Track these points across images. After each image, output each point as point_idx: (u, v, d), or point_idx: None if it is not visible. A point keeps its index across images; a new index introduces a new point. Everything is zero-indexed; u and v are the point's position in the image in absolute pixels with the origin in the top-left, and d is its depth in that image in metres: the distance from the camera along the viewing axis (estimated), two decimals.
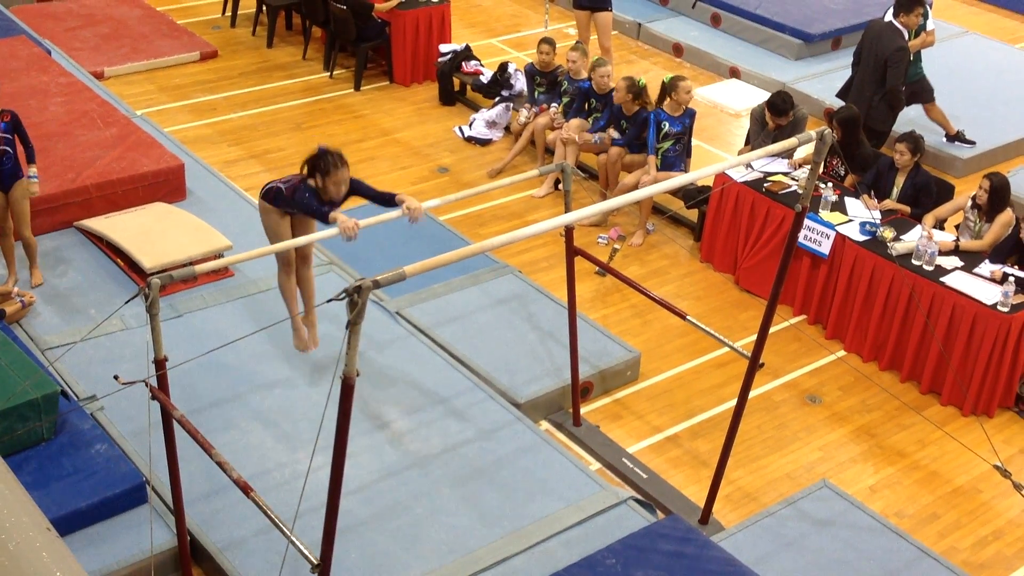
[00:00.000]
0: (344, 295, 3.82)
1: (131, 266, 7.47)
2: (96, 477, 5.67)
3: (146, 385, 4.88)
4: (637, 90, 8.85)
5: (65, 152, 8.29)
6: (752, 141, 8.85)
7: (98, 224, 7.82)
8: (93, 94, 9.36)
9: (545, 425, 6.87)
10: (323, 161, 5.75)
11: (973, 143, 10.20)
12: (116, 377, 5.09)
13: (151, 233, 7.67)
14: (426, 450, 6.30)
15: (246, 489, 4.68)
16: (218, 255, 7.51)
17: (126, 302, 5.10)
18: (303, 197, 5.80)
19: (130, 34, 11.55)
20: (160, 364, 4.86)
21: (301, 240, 5.93)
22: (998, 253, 7.46)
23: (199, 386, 6.50)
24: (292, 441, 6.24)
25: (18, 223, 7.09)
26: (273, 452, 6.17)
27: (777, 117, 8.44)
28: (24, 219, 7.09)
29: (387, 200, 5.76)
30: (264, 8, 12.03)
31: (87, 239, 7.86)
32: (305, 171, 5.88)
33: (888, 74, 8.98)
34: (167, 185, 8.30)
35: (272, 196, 6.05)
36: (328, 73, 11.36)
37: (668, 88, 8.63)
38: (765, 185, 8.15)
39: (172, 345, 5.18)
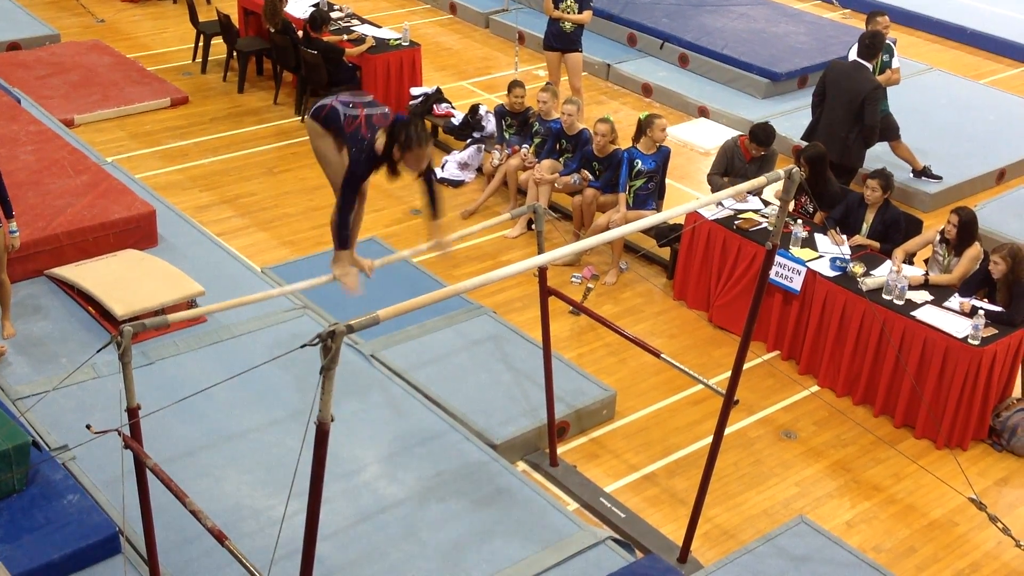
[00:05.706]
0: (318, 340, 3.81)
1: (103, 314, 7.42)
2: (69, 528, 5.60)
3: (119, 434, 4.84)
4: (616, 134, 8.96)
5: (35, 200, 8.25)
6: (715, 170, 8.87)
7: (69, 272, 7.77)
8: (63, 142, 9.34)
9: (522, 466, 6.85)
10: (407, 132, 4.71)
11: (940, 178, 10.32)
12: (88, 427, 5.03)
13: (123, 280, 7.63)
14: (402, 494, 6.26)
15: (221, 537, 4.63)
16: (190, 301, 7.48)
17: (98, 351, 5.06)
18: (358, 154, 4.84)
19: (100, 81, 11.54)
20: (133, 413, 4.81)
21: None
22: (967, 286, 7.53)
23: (172, 434, 6.45)
24: (267, 488, 6.19)
25: None
26: (248, 499, 6.12)
27: (758, 147, 8.55)
28: (1, 263, 7.05)
29: (432, 214, 5.28)
30: (235, 54, 12.06)
31: (58, 287, 7.81)
32: (381, 140, 4.87)
33: (867, 111, 9.10)
34: (138, 232, 8.27)
35: (324, 116, 5.03)
36: (299, 117, 11.39)
37: (644, 125, 8.70)
38: (736, 223, 8.21)
39: (145, 393, 5.14)
